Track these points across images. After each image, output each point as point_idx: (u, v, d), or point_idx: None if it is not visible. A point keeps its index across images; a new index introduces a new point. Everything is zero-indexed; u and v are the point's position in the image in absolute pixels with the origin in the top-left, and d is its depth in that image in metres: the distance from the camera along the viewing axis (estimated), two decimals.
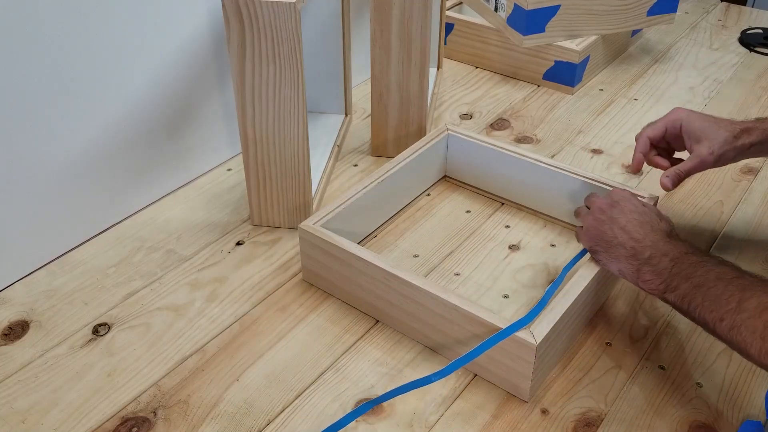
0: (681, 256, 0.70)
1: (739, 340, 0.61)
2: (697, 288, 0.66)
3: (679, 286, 0.68)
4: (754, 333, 0.59)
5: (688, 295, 0.67)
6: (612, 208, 0.78)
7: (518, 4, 1.24)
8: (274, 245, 0.95)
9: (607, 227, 0.76)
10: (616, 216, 0.76)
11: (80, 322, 0.83)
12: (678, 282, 0.68)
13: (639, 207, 0.78)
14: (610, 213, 0.77)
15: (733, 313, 0.62)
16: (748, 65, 1.44)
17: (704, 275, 0.67)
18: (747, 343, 0.60)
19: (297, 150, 0.91)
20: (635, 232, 0.74)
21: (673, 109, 0.89)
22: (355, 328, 0.82)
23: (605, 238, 0.76)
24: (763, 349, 0.59)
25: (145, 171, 0.99)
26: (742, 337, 0.61)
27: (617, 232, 0.75)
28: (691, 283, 0.67)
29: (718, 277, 0.66)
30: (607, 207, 0.78)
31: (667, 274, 0.70)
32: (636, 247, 0.73)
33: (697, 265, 0.68)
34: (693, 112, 0.87)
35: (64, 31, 0.82)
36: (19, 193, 0.84)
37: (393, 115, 1.09)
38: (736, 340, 0.61)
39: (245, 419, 0.72)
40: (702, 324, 0.66)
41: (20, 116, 0.81)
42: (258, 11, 0.80)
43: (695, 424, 0.72)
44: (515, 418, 0.72)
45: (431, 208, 1.02)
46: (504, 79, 1.37)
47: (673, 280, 0.69)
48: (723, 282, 0.65)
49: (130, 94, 0.93)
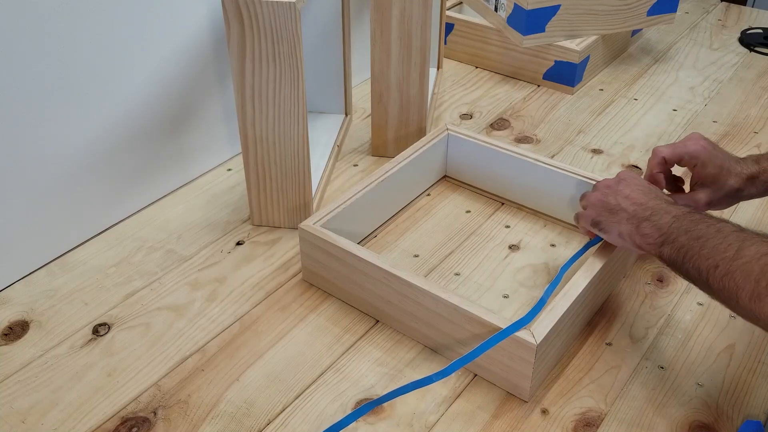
0: (683, 213, 0.71)
1: (731, 286, 0.61)
2: (695, 239, 0.67)
3: (677, 238, 0.69)
4: (749, 276, 0.60)
5: (686, 246, 0.67)
6: (618, 183, 0.79)
7: (518, 4, 1.24)
8: (274, 245, 0.95)
9: (611, 198, 0.78)
10: (621, 188, 0.78)
11: (80, 322, 0.83)
12: (677, 235, 0.69)
13: (645, 182, 0.79)
14: (616, 187, 0.79)
15: (730, 260, 0.62)
16: (748, 65, 1.44)
17: (705, 229, 0.67)
18: (739, 287, 0.60)
19: (297, 150, 0.91)
20: (638, 198, 0.75)
21: (694, 138, 0.84)
22: (355, 328, 0.82)
23: (608, 207, 0.77)
24: (755, 292, 0.59)
25: (145, 171, 0.99)
26: (735, 282, 0.61)
27: (620, 200, 0.77)
28: (690, 235, 0.68)
29: (718, 230, 0.66)
30: (614, 183, 0.80)
31: (666, 227, 0.71)
32: (637, 209, 0.74)
33: (699, 221, 0.69)
34: (713, 150, 0.83)
35: (64, 31, 0.82)
36: (19, 193, 0.85)
37: (393, 115, 1.09)
38: (728, 287, 0.61)
39: (245, 419, 0.72)
40: (695, 274, 0.66)
41: (20, 116, 0.81)
42: (258, 11, 0.80)
43: (695, 424, 0.72)
44: (515, 418, 0.72)
45: (431, 208, 1.02)
46: (504, 79, 1.37)
47: (672, 233, 0.70)
48: (723, 233, 0.65)
49: (131, 94, 0.93)
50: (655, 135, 1.20)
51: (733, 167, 0.83)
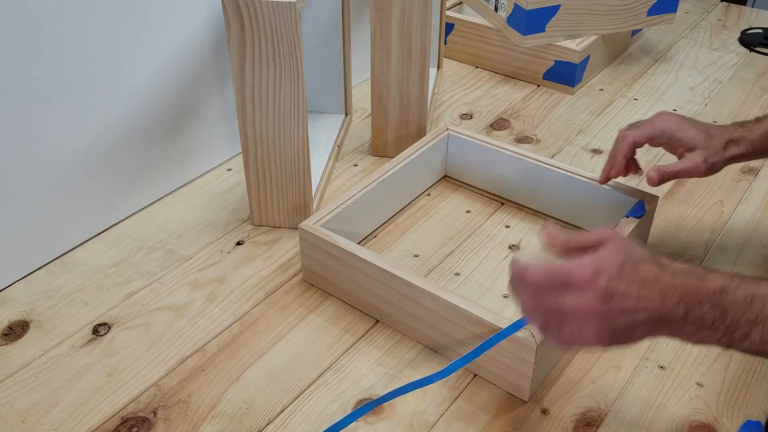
0: (719, 297, 0.57)
1: None
2: (763, 323, 0.56)
3: (749, 333, 0.56)
4: None
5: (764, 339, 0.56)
6: (608, 303, 0.58)
7: (518, 4, 1.24)
8: (274, 245, 0.95)
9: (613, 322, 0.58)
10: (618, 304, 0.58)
11: (80, 322, 0.83)
12: (743, 330, 0.56)
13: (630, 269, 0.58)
14: (609, 308, 0.58)
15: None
16: (748, 65, 1.44)
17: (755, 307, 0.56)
18: None
19: (297, 150, 0.91)
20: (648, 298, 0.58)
21: (659, 114, 0.83)
22: (355, 328, 0.82)
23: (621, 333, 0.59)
24: None
25: (145, 171, 0.99)
26: None
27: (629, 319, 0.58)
28: (762, 326, 0.56)
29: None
30: (602, 303, 0.58)
31: (719, 325, 0.57)
32: (660, 311, 0.57)
33: (751, 302, 0.56)
34: (683, 120, 0.82)
35: (64, 31, 0.82)
36: (19, 193, 0.85)
37: (393, 115, 1.09)
38: None
39: (245, 419, 0.72)
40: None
41: (20, 117, 0.81)
42: (258, 11, 0.80)
43: (695, 424, 0.72)
44: (515, 418, 0.72)
45: (431, 208, 1.02)
46: (504, 79, 1.37)
47: (733, 330, 0.57)
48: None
49: (130, 94, 0.93)
50: None
51: (712, 128, 0.82)
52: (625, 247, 0.60)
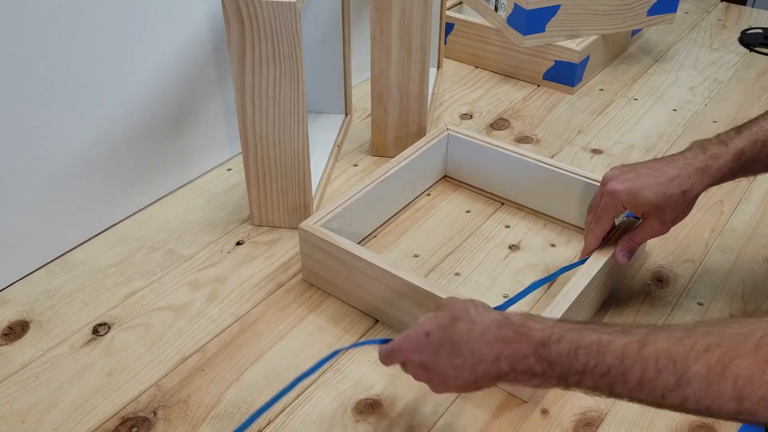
0: (542, 351, 0.57)
1: (699, 410, 0.50)
2: (604, 377, 0.54)
3: (581, 381, 0.55)
4: (722, 398, 0.48)
5: (601, 386, 0.55)
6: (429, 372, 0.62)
7: (518, 4, 1.24)
8: (274, 245, 0.95)
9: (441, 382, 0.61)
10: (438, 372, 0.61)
11: (80, 322, 0.83)
12: (575, 378, 0.56)
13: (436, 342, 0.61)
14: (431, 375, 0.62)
15: (676, 389, 0.50)
16: (748, 65, 1.44)
17: (599, 361, 0.54)
18: (713, 409, 0.49)
19: (297, 150, 0.91)
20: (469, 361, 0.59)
21: (606, 189, 0.78)
22: (355, 328, 0.82)
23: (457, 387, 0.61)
24: (741, 409, 0.48)
25: (145, 171, 0.99)
26: (704, 406, 0.50)
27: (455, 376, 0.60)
28: (592, 375, 0.54)
29: (621, 359, 0.53)
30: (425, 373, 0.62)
31: (550, 373, 0.57)
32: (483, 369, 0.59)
33: (576, 354, 0.55)
34: (630, 187, 0.75)
35: (64, 31, 0.82)
36: (19, 193, 0.85)
37: (393, 115, 1.09)
38: (695, 410, 0.50)
39: (245, 419, 0.72)
40: (637, 403, 0.54)
41: (20, 116, 0.81)
42: (258, 11, 0.80)
43: (695, 424, 0.72)
44: (515, 418, 0.72)
45: (431, 208, 1.02)
46: (504, 79, 1.37)
47: (566, 378, 0.56)
48: (632, 360, 0.53)
49: (130, 94, 0.93)
50: (655, 135, 1.20)
51: (667, 172, 0.75)
52: (441, 310, 0.64)
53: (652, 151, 1.15)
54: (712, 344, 0.50)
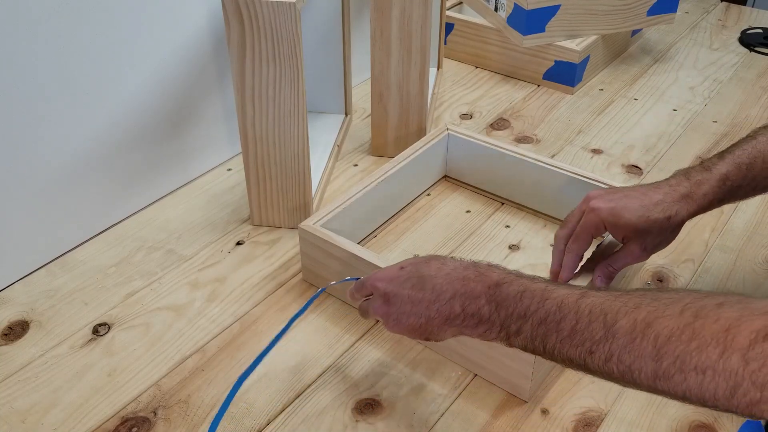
0: (493, 291, 0.59)
1: (622, 370, 0.51)
2: (541, 324, 0.56)
3: (521, 328, 0.57)
4: (642, 356, 0.49)
5: (537, 336, 0.56)
6: (389, 306, 0.65)
7: (518, 4, 1.24)
8: (274, 245, 0.95)
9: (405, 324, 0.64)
10: (397, 306, 0.64)
11: (80, 322, 0.83)
12: (516, 324, 0.57)
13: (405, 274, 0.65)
14: (390, 311, 0.64)
15: (603, 342, 0.52)
16: (748, 65, 1.44)
17: (540, 306, 0.56)
18: (634, 369, 0.50)
19: (297, 150, 0.91)
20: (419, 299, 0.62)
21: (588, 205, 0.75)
22: (355, 328, 0.82)
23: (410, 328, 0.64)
24: (659, 371, 0.48)
25: (145, 171, 0.99)
26: (626, 365, 0.50)
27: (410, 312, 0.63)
28: (531, 321, 0.56)
29: (559, 306, 0.55)
30: (385, 306, 0.65)
31: (495, 318, 0.58)
32: (438, 308, 0.61)
33: (522, 296, 0.57)
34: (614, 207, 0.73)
35: (64, 31, 0.82)
36: (19, 193, 0.85)
37: (393, 115, 1.09)
38: (618, 370, 0.51)
39: (245, 419, 0.72)
40: (567, 362, 0.55)
41: (20, 116, 0.81)
42: (258, 11, 0.80)
43: (695, 424, 0.72)
44: (515, 418, 0.72)
45: (431, 208, 1.02)
46: (504, 79, 1.37)
47: (508, 324, 0.58)
48: (568, 309, 0.54)
49: (130, 94, 0.93)
50: (655, 135, 1.20)
51: (651, 197, 0.74)
52: (416, 258, 0.67)
53: (652, 151, 1.15)
54: (642, 303, 0.51)
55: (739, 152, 0.76)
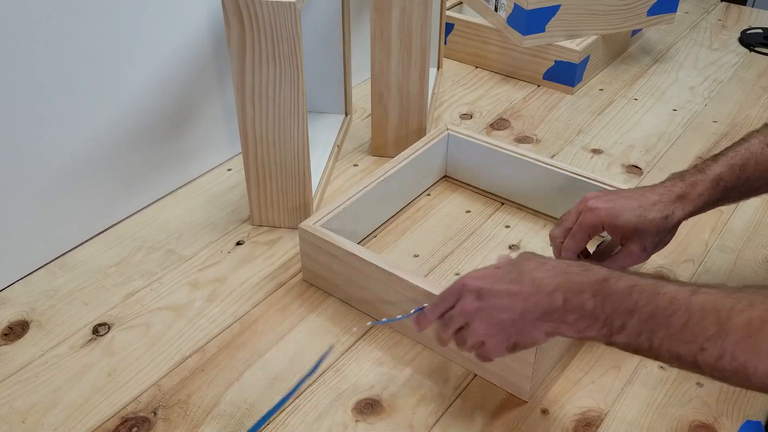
0: (600, 285, 0.59)
1: (735, 367, 0.52)
2: (650, 319, 0.56)
3: (626, 323, 0.57)
4: (758, 354, 0.50)
5: (644, 331, 0.56)
6: (482, 300, 0.63)
7: (518, 4, 1.24)
8: (274, 245, 0.95)
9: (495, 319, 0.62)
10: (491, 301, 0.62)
11: (80, 322, 0.83)
12: (622, 319, 0.57)
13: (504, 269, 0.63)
14: (483, 305, 0.62)
15: (716, 339, 0.52)
16: (748, 65, 1.44)
17: (650, 301, 0.56)
18: (748, 367, 0.51)
19: (297, 150, 0.91)
20: (518, 290, 0.61)
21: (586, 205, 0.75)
22: (355, 328, 0.82)
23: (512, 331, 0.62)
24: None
25: (145, 171, 0.99)
26: (740, 362, 0.51)
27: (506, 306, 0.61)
28: (639, 316, 0.56)
29: (670, 301, 0.55)
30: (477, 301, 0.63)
31: (599, 313, 0.58)
32: (537, 300, 0.60)
33: (631, 291, 0.57)
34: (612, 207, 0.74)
35: (64, 31, 0.82)
36: (19, 193, 0.85)
37: (393, 115, 1.09)
38: (731, 368, 0.52)
39: (245, 419, 0.72)
40: (674, 359, 0.56)
41: (20, 116, 0.81)
42: (258, 11, 0.80)
43: (695, 424, 0.72)
44: (515, 418, 0.72)
45: (431, 208, 1.02)
46: (504, 79, 1.37)
47: (612, 319, 0.58)
48: (679, 304, 0.55)
49: (130, 94, 0.93)
50: (655, 135, 1.20)
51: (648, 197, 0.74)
52: (509, 257, 0.67)
53: (652, 151, 1.15)
54: (757, 301, 0.52)
55: (732, 154, 0.77)
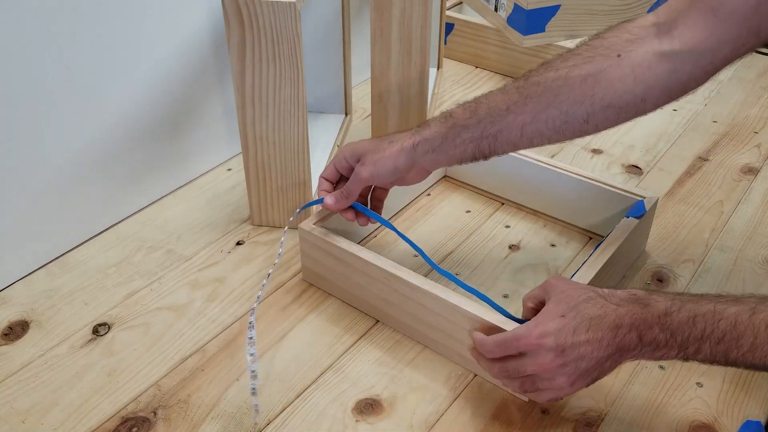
0: (664, 320, 0.61)
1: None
2: (720, 343, 0.59)
3: (699, 348, 0.60)
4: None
5: (718, 353, 0.60)
6: (564, 356, 0.63)
7: (518, 4, 1.24)
8: (274, 245, 0.95)
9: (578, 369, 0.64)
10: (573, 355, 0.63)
11: (80, 322, 0.83)
12: (694, 346, 0.61)
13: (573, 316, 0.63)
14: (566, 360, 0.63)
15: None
16: (748, 65, 1.44)
17: (715, 327, 0.59)
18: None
19: (297, 150, 0.91)
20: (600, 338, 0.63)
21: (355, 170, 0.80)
22: (355, 328, 0.82)
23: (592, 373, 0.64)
24: None
25: (146, 171, 0.99)
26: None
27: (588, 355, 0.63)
28: (709, 342, 0.60)
29: (734, 325, 0.59)
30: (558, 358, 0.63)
31: (672, 343, 0.61)
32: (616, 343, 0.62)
33: (694, 321, 0.60)
34: (361, 142, 0.80)
35: (64, 31, 0.82)
36: (19, 193, 0.85)
37: (393, 115, 1.09)
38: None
39: (245, 419, 0.72)
40: (751, 368, 0.60)
41: (20, 117, 0.81)
42: (258, 11, 0.80)
43: (695, 424, 0.72)
44: (515, 418, 0.72)
45: (431, 208, 1.02)
46: (504, 79, 1.37)
47: (686, 347, 0.61)
48: (744, 326, 0.58)
49: (130, 94, 0.93)
50: (655, 135, 1.20)
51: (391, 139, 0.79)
52: (565, 294, 0.66)
53: (652, 151, 1.15)
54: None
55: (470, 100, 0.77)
